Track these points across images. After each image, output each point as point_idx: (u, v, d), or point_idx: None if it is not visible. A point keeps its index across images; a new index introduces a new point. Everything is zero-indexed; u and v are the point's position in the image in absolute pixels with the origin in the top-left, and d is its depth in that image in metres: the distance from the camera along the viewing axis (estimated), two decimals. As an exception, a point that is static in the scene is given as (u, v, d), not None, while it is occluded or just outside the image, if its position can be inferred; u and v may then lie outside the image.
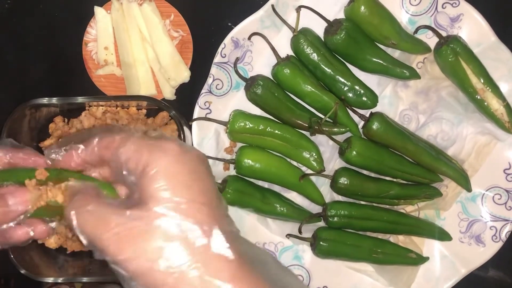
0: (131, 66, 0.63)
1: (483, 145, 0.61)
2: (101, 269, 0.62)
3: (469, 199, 0.62)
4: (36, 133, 0.63)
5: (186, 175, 0.32)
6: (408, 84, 0.62)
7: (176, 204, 0.31)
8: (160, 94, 0.65)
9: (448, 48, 0.57)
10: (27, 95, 0.60)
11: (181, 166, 0.32)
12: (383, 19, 0.59)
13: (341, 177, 0.59)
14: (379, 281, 0.61)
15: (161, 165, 0.32)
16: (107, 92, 0.65)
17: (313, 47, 0.59)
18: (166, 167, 0.32)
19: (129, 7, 0.63)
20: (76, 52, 0.65)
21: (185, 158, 0.33)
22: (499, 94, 0.58)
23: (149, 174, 0.32)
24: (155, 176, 0.31)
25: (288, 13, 0.60)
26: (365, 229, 0.61)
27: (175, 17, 0.65)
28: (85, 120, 0.62)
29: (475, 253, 0.61)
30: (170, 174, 0.32)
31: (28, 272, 0.58)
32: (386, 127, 0.58)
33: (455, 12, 0.59)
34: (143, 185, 0.32)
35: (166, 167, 0.32)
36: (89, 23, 0.65)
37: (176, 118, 0.60)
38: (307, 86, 0.59)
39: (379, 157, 0.59)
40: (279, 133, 0.60)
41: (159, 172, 0.32)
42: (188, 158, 0.33)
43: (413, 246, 0.62)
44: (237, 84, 0.62)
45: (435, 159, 0.59)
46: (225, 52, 0.61)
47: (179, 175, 0.32)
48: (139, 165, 0.32)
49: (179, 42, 0.65)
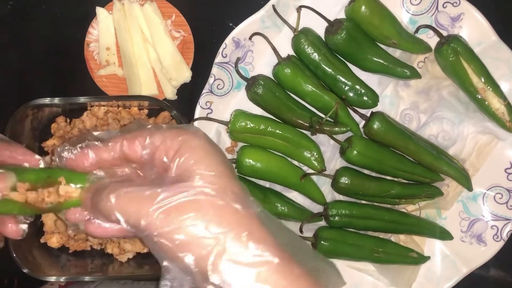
0: (133, 66, 0.64)
1: (484, 144, 0.61)
2: (103, 268, 0.62)
3: (470, 198, 0.62)
4: (38, 133, 0.64)
5: (220, 154, 0.34)
6: (409, 84, 0.62)
7: (217, 178, 0.33)
8: (162, 94, 0.65)
9: (449, 47, 0.57)
10: (29, 95, 0.61)
11: (214, 146, 0.35)
12: (384, 19, 0.59)
13: (342, 176, 0.59)
14: (380, 280, 0.62)
15: (198, 143, 0.34)
16: (109, 92, 0.66)
17: (314, 47, 0.59)
18: (203, 146, 0.34)
19: (131, 8, 0.64)
20: (78, 52, 0.66)
21: (209, 139, 0.35)
22: (500, 93, 0.58)
23: (187, 152, 0.33)
24: (195, 153, 0.33)
25: (289, 13, 0.60)
26: (366, 228, 0.61)
27: (177, 17, 0.65)
28: (87, 120, 0.62)
29: (476, 253, 0.61)
30: (208, 152, 0.34)
31: (30, 271, 0.58)
32: (387, 127, 0.58)
33: (456, 11, 0.59)
34: (182, 163, 0.33)
35: (202, 146, 0.34)
36: (91, 24, 0.65)
37: (178, 118, 0.60)
38: (308, 86, 0.59)
39: (380, 156, 0.59)
40: (280, 133, 0.60)
41: (198, 149, 0.33)
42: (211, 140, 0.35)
43: (414, 246, 0.62)
44: (238, 84, 0.62)
45: (436, 158, 0.59)
46: (226, 52, 0.61)
47: (214, 154, 0.34)
48: (175, 145, 0.34)
49: (180, 42, 0.65)
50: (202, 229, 0.31)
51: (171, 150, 0.34)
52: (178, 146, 0.34)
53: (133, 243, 0.62)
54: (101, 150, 0.36)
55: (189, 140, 0.34)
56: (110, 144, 0.36)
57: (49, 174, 0.36)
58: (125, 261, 0.63)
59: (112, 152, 0.36)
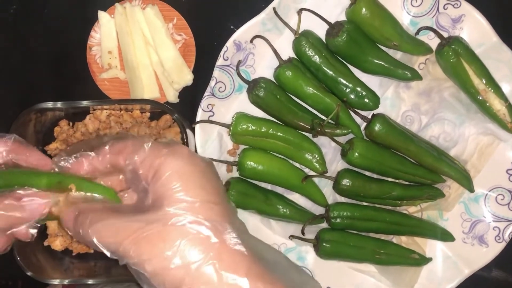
0: (135, 70, 0.64)
1: (485, 145, 0.61)
2: (106, 271, 0.62)
3: (472, 199, 0.62)
4: (41, 136, 0.64)
5: (197, 177, 0.34)
6: (410, 85, 0.62)
7: (190, 204, 0.32)
8: (164, 97, 0.65)
9: (450, 49, 0.58)
10: (32, 98, 0.61)
11: (192, 168, 0.34)
12: (385, 21, 0.59)
13: (343, 178, 0.59)
14: (382, 281, 0.62)
15: (174, 167, 0.33)
16: (111, 95, 0.66)
17: (314, 49, 0.59)
18: (179, 169, 0.33)
19: (133, 11, 0.64)
20: (80, 56, 0.66)
21: (195, 161, 0.34)
22: (501, 94, 0.58)
23: (162, 177, 0.33)
24: (169, 178, 0.33)
25: (290, 16, 0.61)
26: (368, 230, 0.61)
27: (178, 20, 0.65)
28: (89, 123, 0.63)
29: (478, 254, 0.61)
30: (183, 176, 0.33)
31: (34, 274, 0.58)
32: (388, 129, 0.59)
33: (457, 13, 0.59)
34: (157, 188, 0.33)
35: (178, 169, 0.33)
36: (93, 28, 0.66)
37: (179, 121, 0.60)
38: (309, 88, 0.60)
39: (381, 158, 0.59)
40: (281, 135, 0.60)
41: (173, 174, 0.33)
42: (198, 161, 0.35)
43: (416, 247, 0.62)
44: (240, 86, 0.62)
45: (437, 160, 0.59)
46: (228, 55, 0.61)
47: (191, 177, 0.33)
48: (152, 169, 0.34)
49: (182, 46, 0.65)
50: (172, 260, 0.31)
51: (150, 171, 0.34)
52: (157, 168, 0.34)
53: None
54: (94, 160, 0.37)
55: (167, 162, 0.34)
56: (100, 157, 0.37)
57: (60, 180, 0.37)
58: (128, 263, 0.63)
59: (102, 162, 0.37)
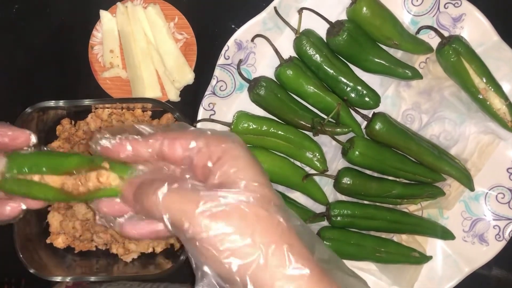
0: (136, 69, 0.64)
1: (486, 144, 0.61)
2: (108, 268, 0.63)
3: (472, 198, 0.62)
4: (43, 135, 0.64)
5: (257, 164, 0.34)
6: (410, 84, 0.62)
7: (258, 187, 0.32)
8: (165, 96, 0.66)
9: (450, 48, 0.58)
10: (34, 97, 0.61)
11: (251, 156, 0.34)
12: (385, 20, 0.59)
13: (344, 177, 0.60)
14: (382, 280, 0.62)
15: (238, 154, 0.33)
16: (112, 94, 0.66)
17: (315, 48, 0.59)
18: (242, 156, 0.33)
19: (134, 10, 0.64)
20: (82, 55, 0.66)
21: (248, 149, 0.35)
22: (502, 93, 0.58)
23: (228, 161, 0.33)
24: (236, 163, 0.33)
25: (291, 15, 0.61)
26: (368, 228, 0.62)
27: (179, 19, 0.66)
28: (91, 122, 0.63)
29: (478, 252, 0.61)
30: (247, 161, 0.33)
31: (37, 271, 0.59)
32: (388, 127, 0.59)
33: (457, 12, 0.60)
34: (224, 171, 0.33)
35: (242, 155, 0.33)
36: (95, 27, 0.66)
37: (181, 119, 0.60)
38: (309, 87, 0.60)
39: (382, 157, 0.60)
40: (282, 134, 0.60)
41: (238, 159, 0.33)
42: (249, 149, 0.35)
43: (416, 245, 0.62)
44: (241, 85, 0.62)
45: (438, 158, 0.60)
46: (229, 54, 0.61)
47: (253, 163, 0.34)
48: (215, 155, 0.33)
49: (183, 45, 0.66)
50: (247, 238, 0.30)
51: (214, 155, 0.33)
52: (221, 153, 0.33)
53: (138, 244, 0.63)
54: (139, 144, 0.35)
55: (231, 148, 0.34)
56: (151, 140, 0.35)
57: (91, 160, 0.35)
58: (130, 261, 0.63)
59: (151, 148, 0.35)
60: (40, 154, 0.36)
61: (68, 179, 0.35)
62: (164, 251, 0.64)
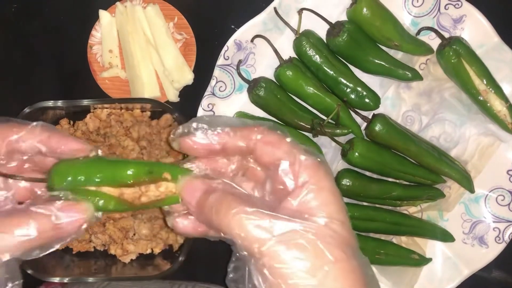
0: (135, 69, 0.64)
1: (486, 146, 0.61)
2: (106, 269, 0.62)
3: (472, 200, 0.62)
4: (42, 135, 0.64)
5: (341, 199, 0.32)
6: (410, 86, 0.62)
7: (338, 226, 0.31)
8: (164, 96, 0.65)
9: (451, 49, 0.57)
10: (33, 97, 0.61)
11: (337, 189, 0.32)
12: (385, 21, 0.59)
13: (343, 178, 0.59)
14: (381, 282, 0.62)
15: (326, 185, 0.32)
16: (111, 94, 0.66)
17: (315, 49, 0.59)
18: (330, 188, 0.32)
19: (133, 10, 0.64)
20: (81, 55, 0.66)
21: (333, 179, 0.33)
22: (502, 95, 0.58)
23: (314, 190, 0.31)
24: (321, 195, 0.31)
25: (291, 16, 0.60)
26: (368, 230, 0.61)
27: (179, 19, 0.65)
28: (90, 122, 0.63)
29: (478, 254, 0.61)
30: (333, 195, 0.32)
31: (35, 272, 0.58)
32: (388, 129, 0.59)
33: (458, 13, 0.59)
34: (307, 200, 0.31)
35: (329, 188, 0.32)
36: (94, 26, 0.66)
37: (180, 120, 0.60)
38: (309, 88, 0.60)
39: (382, 158, 0.59)
40: (281, 135, 0.60)
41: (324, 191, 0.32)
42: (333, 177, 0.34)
43: (416, 247, 0.62)
44: (240, 86, 0.62)
45: (438, 160, 0.59)
46: (228, 55, 0.61)
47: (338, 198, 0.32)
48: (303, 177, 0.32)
49: (182, 45, 0.65)
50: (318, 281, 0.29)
51: (301, 178, 0.32)
52: (308, 178, 0.32)
53: (136, 245, 0.63)
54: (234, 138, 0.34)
55: (322, 177, 0.32)
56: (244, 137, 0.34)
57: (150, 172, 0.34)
58: (128, 262, 0.63)
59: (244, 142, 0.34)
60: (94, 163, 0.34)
61: (126, 190, 0.34)
62: (162, 252, 0.64)
